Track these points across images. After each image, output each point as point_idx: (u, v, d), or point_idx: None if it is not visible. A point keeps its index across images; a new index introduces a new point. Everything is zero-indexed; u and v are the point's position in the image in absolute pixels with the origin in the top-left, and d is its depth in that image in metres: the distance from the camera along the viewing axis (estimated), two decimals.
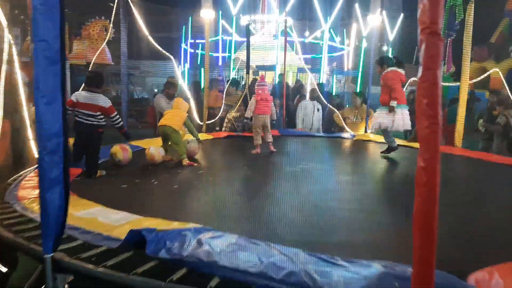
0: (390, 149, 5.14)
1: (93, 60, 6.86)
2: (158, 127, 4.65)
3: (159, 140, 4.76)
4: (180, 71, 13.48)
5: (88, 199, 2.91)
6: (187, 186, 3.74)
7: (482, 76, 5.92)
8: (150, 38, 5.61)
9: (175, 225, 2.24)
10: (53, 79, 1.75)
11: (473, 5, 5.09)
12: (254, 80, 7.09)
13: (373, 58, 6.90)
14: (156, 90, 12.35)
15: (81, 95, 3.87)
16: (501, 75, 5.57)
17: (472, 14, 5.11)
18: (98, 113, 3.83)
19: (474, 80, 5.89)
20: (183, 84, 6.64)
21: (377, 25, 7.73)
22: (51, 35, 1.71)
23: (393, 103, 4.80)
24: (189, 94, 6.41)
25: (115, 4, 5.39)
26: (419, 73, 1.23)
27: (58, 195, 1.81)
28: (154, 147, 4.45)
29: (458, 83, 5.54)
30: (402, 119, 4.91)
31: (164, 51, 5.74)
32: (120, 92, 13.24)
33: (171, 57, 5.84)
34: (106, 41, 8.66)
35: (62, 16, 1.71)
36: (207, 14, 6.40)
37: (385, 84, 4.91)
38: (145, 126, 9.23)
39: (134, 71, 14.34)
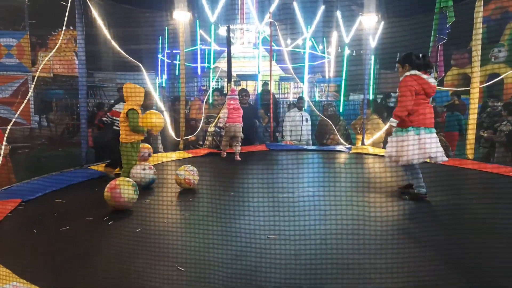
0: (413, 196, 3.48)
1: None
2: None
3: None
4: (158, 82, 12.98)
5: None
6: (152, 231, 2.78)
7: (494, 80, 5.57)
8: (116, 46, 5.05)
9: None
10: None
11: (482, 1, 4.75)
12: (242, 90, 6.78)
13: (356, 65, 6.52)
14: None
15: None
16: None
17: (481, 13, 4.77)
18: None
19: (485, 84, 5.48)
20: (155, 96, 6.10)
21: (362, 31, 7.41)
22: None
23: (392, 122, 3.44)
24: (163, 106, 5.87)
25: (92, 13, 4.86)
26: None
27: None
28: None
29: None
30: (424, 148, 3.33)
31: (134, 61, 5.19)
32: (92, 105, 12.59)
33: (140, 65, 5.29)
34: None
35: None
36: (181, 16, 5.87)
37: (400, 93, 3.47)
38: None
39: (108, 84, 13.66)
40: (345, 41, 11.57)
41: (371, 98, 8.71)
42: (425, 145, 3.31)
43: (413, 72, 3.40)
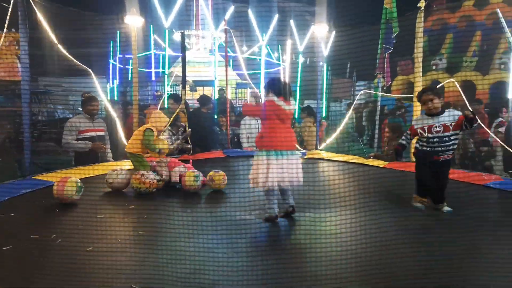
0: (267, 218, 3.14)
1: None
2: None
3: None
4: (108, 88, 12.51)
5: None
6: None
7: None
8: (62, 50, 4.80)
9: None
10: None
11: (422, 14, 5.08)
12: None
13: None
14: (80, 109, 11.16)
15: None
16: (457, 85, 5.64)
17: (422, 23, 5.10)
18: None
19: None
20: (105, 100, 5.86)
21: (313, 40, 7.67)
22: None
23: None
24: (113, 112, 5.65)
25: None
26: None
27: None
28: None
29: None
30: (273, 172, 3.15)
31: (82, 65, 4.96)
32: (38, 111, 11.83)
33: (89, 70, 5.06)
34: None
35: None
36: (133, 21, 5.72)
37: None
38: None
39: (55, 89, 12.94)
40: (299, 49, 11.89)
41: (322, 104, 9.04)
42: (274, 169, 3.17)
43: (271, 97, 3.35)
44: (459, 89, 5.70)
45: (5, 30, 4.75)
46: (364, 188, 3.34)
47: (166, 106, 7.49)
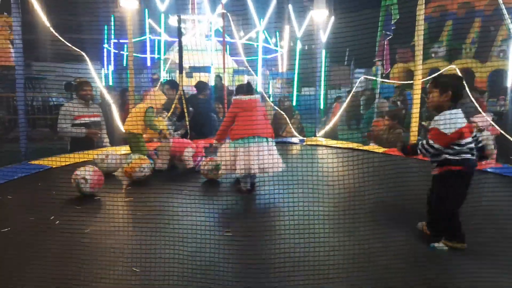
0: (238, 189, 3.62)
1: None
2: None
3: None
4: (103, 74, 12.32)
5: None
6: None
7: (435, 75, 5.85)
8: (56, 34, 4.66)
9: None
10: None
11: (423, 0, 4.97)
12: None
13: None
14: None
15: None
16: (458, 72, 5.55)
17: (423, 11, 5.00)
18: None
19: (426, 78, 5.74)
20: (101, 86, 5.75)
21: (313, 25, 7.54)
22: None
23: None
24: (109, 97, 5.56)
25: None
26: None
27: None
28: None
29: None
30: (245, 159, 3.42)
31: (76, 49, 4.83)
32: (32, 97, 11.65)
33: (84, 54, 4.93)
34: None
35: None
36: (128, 4, 5.56)
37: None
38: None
39: (49, 75, 12.72)
40: (297, 35, 11.74)
41: (322, 92, 8.94)
42: (242, 156, 3.45)
43: (237, 97, 3.77)
44: (461, 76, 5.62)
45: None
46: (361, 173, 3.29)
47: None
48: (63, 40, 4.65)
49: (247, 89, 3.84)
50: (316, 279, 2.00)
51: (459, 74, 5.64)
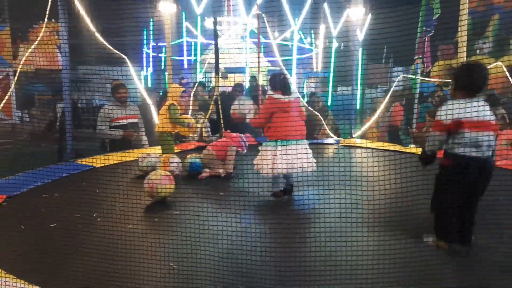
0: (276, 193, 3.60)
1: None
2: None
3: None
4: (143, 76, 12.74)
5: None
6: None
7: None
8: (101, 39, 4.90)
9: None
10: None
11: None
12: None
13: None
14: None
15: None
16: (505, 69, 5.25)
17: (467, 5, 4.77)
18: None
19: None
20: (140, 88, 5.97)
21: (350, 23, 7.40)
22: None
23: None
24: (148, 99, 5.75)
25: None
26: None
27: None
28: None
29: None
30: (281, 160, 3.43)
31: (119, 53, 5.05)
32: (78, 100, 12.27)
33: (126, 58, 5.15)
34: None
35: None
36: (167, 7, 5.73)
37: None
38: None
39: (93, 78, 13.35)
40: (333, 34, 11.56)
41: (359, 92, 8.74)
42: (280, 157, 3.43)
43: (274, 96, 3.65)
44: (507, 74, 5.32)
45: (45, 20, 4.90)
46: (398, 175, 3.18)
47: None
48: (107, 44, 4.88)
49: (284, 85, 3.69)
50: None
51: (506, 72, 5.33)
